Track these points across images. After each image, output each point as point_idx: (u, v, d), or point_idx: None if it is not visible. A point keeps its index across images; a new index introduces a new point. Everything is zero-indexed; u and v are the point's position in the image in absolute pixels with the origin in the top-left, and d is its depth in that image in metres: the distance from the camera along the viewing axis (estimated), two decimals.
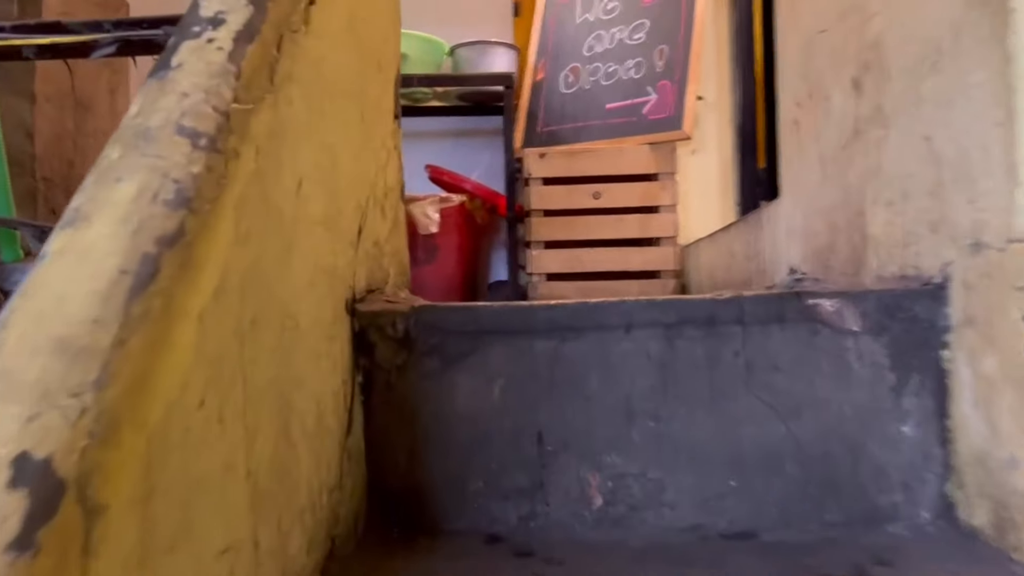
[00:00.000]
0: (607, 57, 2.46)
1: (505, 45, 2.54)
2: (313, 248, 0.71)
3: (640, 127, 2.31)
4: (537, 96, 2.54)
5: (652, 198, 2.27)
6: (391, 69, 1.10)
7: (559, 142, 2.44)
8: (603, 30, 2.50)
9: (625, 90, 2.38)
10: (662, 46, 2.36)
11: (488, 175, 2.74)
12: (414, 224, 2.33)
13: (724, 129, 2.53)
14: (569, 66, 2.53)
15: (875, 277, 0.94)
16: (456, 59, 2.56)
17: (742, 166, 2.48)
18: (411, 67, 2.40)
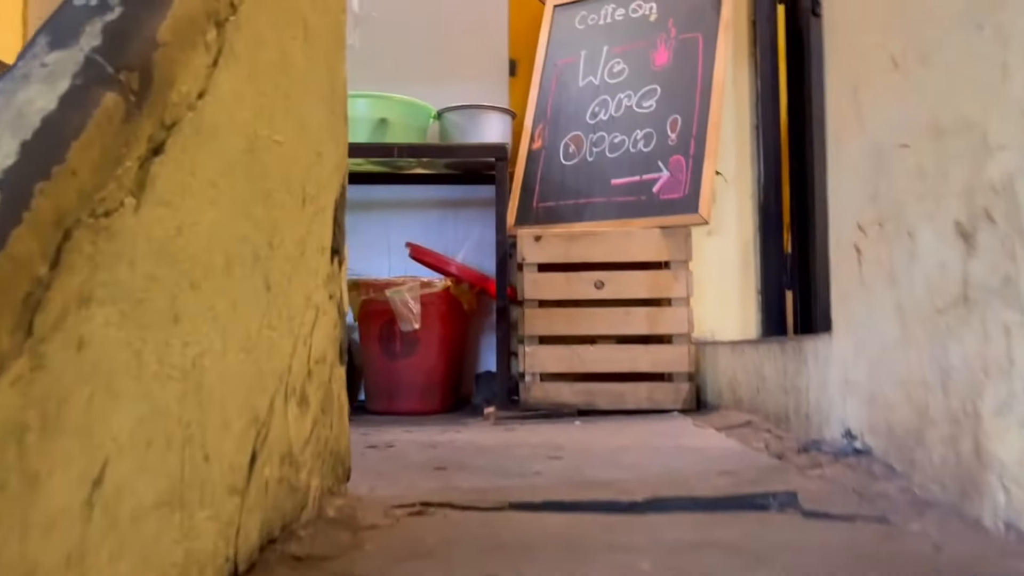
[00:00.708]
0: (613, 126, 2.20)
1: (498, 110, 2.29)
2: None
3: (650, 207, 2.05)
4: (534, 167, 2.29)
5: (663, 289, 2.00)
6: (329, 191, 0.83)
7: (557, 220, 2.17)
8: (609, 95, 2.25)
9: (633, 164, 2.12)
10: (675, 116, 2.11)
11: (479, 250, 2.47)
12: (393, 315, 2.05)
13: (744, 208, 2.27)
14: (570, 134, 2.27)
15: (1004, 523, 0.66)
16: (444, 124, 2.30)
17: (765, 250, 2.21)
18: (392, 134, 2.15)
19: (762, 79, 2.20)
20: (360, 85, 2.47)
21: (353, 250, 2.50)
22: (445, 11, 2.51)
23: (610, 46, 2.31)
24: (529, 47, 2.49)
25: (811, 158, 2.10)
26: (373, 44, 2.49)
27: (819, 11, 2.04)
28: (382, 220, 2.48)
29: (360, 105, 2.13)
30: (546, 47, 2.43)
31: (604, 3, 2.37)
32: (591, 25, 2.37)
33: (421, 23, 2.51)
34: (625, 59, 2.26)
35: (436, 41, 2.51)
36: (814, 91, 2.07)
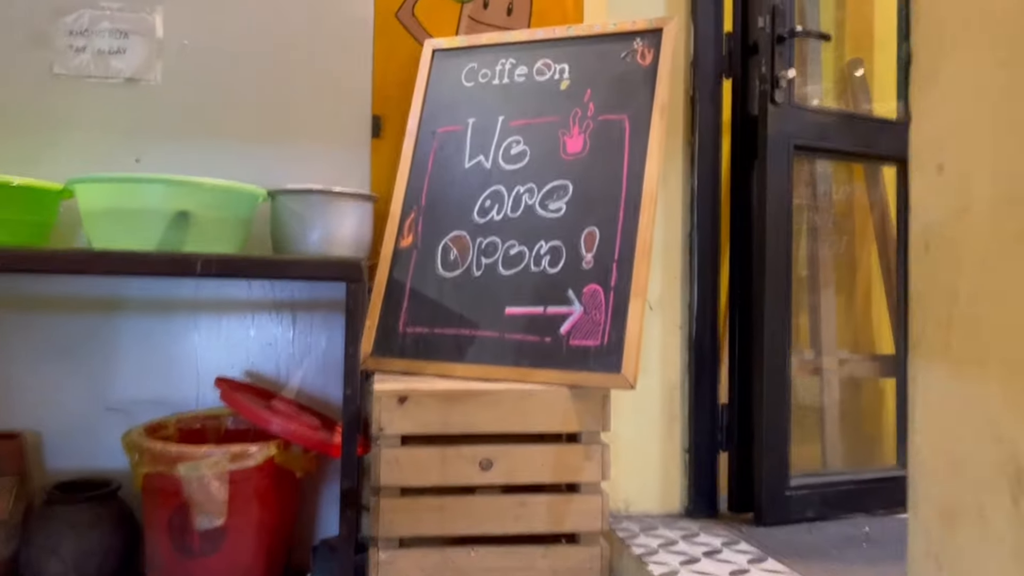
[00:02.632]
0: (510, 230, 1.68)
1: (355, 196, 1.72)
2: None
3: (556, 355, 1.54)
4: (402, 273, 1.73)
5: (570, 470, 1.50)
6: None
7: (431, 356, 1.63)
8: (505, 186, 1.72)
9: (535, 289, 1.61)
10: (591, 228, 1.61)
11: (324, 370, 1.90)
12: (185, 502, 1.45)
13: (671, 341, 1.81)
14: (452, 234, 1.73)
15: None
16: (277, 209, 1.70)
17: (696, 397, 1.76)
18: (197, 233, 1.53)
19: (700, 175, 1.74)
20: (161, 147, 1.82)
21: (150, 369, 1.88)
22: (288, 46, 1.90)
23: (507, 117, 1.78)
24: (400, 101, 1.92)
25: (758, 283, 1.67)
26: (183, 84, 1.84)
27: (777, 97, 1.59)
28: (189, 326, 1.85)
29: (149, 193, 1.49)
30: (422, 106, 1.87)
31: (500, 55, 1.84)
32: (483, 84, 1.83)
33: (254, 59, 1.89)
34: (527, 138, 1.74)
35: (274, 85, 1.89)
36: (769, 197, 1.63)
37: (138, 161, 1.84)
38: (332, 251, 1.69)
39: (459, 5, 1.96)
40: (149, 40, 1.84)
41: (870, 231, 2.03)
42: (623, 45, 1.72)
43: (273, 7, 1.89)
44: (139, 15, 1.83)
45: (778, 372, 1.67)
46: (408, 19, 1.94)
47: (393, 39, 1.94)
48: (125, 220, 1.51)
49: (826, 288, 1.93)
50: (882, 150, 1.83)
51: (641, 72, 1.69)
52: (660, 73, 1.65)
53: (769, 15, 1.66)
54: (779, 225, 1.68)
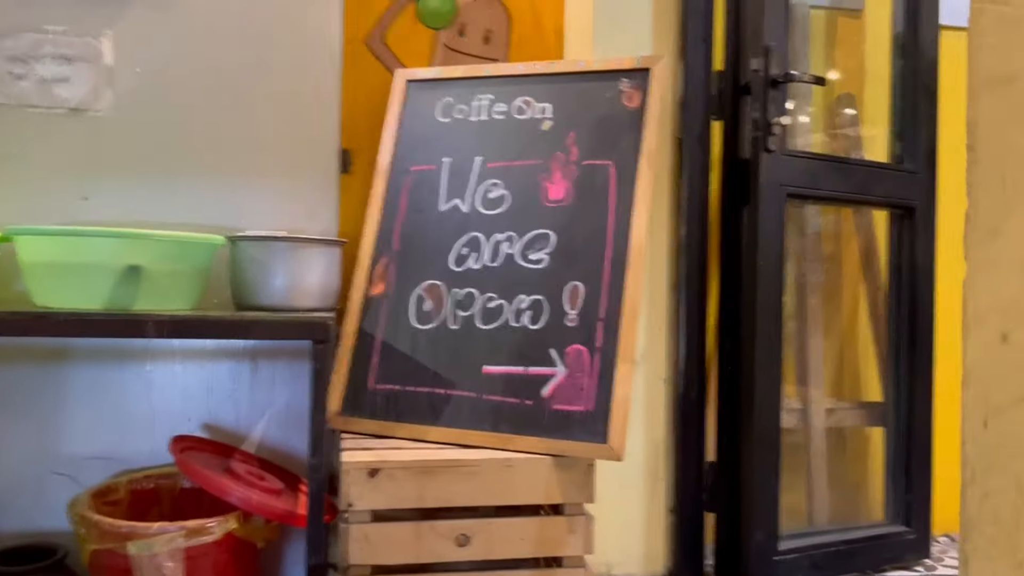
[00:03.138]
0: (488, 281, 1.59)
1: (321, 242, 1.61)
2: None
3: (538, 420, 1.46)
4: (372, 322, 1.63)
5: (552, 544, 1.43)
6: None
7: (403, 417, 1.54)
8: (483, 233, 1.63)
9: (516, 347, 1.52)
10: (575, 283, 1.53)
11: (286, 423, 1.79)
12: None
13: (655, 395, 1.74)
14: (426, 283, 1.64)
15: None
16: (237, 257, 1.59)
17: (681, 455, 1.69)
18: (149, 288, 1.41)
19: (688, 222, 1.67)
20: (111, 184, 1.70)
21: (100, 422, 1.76)
22: (250, 75, 1.78)
23: (485, 158, 1.69)
24: (371, 134, 1.82)
25: (748, 337, 1.60)
26: (135, 116, 1.72)
27: (771, 145, 1.52)
28: (142, 376, 1.73)
29: (96, 247, 1.38)
30: (395, 141, 1.76)
31: (478, 90, 1.74)
32: (459, 120, 1.74)
33: (212, 89, 1.76)
34: (507, 181, 1.65)
35: (234, 117, 1.78)
36: (760, 246, 1.56)
37: (86, 199, 1.71)
38: (297, 301, 1.59)
39: (434, 32, 1.86)
40: (97, 67, 1.71)
41: (858, 276, 1.98)
42: (608, 85, 1.64)
43: (233, 33, 1.77)
44: (85, 39, 1.70)
45: (768, 430, 1.61)
46: (379, 47, 1.84)
47: (363, 68, 1.83)
48: (69, 275, 1.39)
49: (815, 335, 1.88)
50: (875, 195, 1.78)
51: (628, 115, 1.60)
52: (648, 118, 1.57)
53: (763, 57, 1.59)
54: (770, 275, 1.62)
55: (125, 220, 1.72)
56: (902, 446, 1.85)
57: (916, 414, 1.81)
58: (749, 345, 1.61)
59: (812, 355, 1.89)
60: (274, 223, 1.79)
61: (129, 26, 1.72)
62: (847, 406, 1.96)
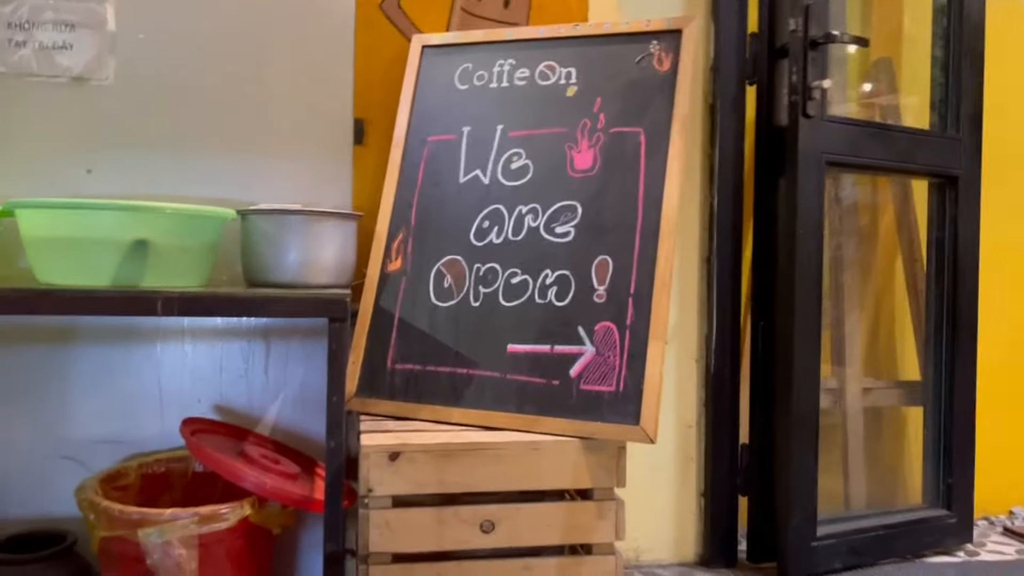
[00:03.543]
0: (511, 255, 1.52)
1: (335, 215, 1.54)
2: None
3: (565, 401, 1.40)
4: (390, 301, 1.57)
5: (582, 531, 1.37)
6: None
7: (423, 398, 1.48)
8: (505, 205, 1.56)
9: (541, 325, 1.46)
10: (603, 256, 1.46)
11: (301, 404, 1.74)
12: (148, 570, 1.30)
13: (686, 375, 1.67)
14: (446, 258, 1.57)
15: None
16: (248, 231, 1.53)
17: (713, 438, 1.63)
18: (157, 264, 1.35)
19: (720, 192, 1.60)
20: (116, 156, 1.64)
21: (109, 405, 1.70)
22: (259, 41, 1.71)
23: (507, 126, 1.62)
24: (385, 104, 1.75)
25: (785, 313, 1.53)
26: (140, 84, 1.65)
27: (810, 110, 1.44)
28: (151, 357, 1.68)
29: (101, 221, 1.31)
30: (411, 110, 1.69)
31: (498, 55, 1.66)
32: (479, 87, 1.66)
33: (220, 56, 1.69)
34: (529, 151, 1.58)
35: (243, 85, 1.71)
36: (799, 218, 1.48)
37: (89, 172, 1.65)
38: (311, 277, 1.52)
39: None
40: (100, 34, 1.64)
41: (895, 249, 1.90)
42: (637, 48, 1.56)
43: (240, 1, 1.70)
44: (87, 5, 1.63)
45: (805, 412, 1.55)
46: (394, 11, 1.76)
47: (377, 34, 1.76)
48: (74, 250, 1.33)
49: (850, 312, 1.81)
50: (917, 163, 1.70)
51: (658, 79, 1.52)
52: (680, 81, 1.50)
53: (802, 17, 1.50)
54: (808, 248, 1.54)
55: (130, 194, 1.66)
56: (942, 427, 1.78)
57: (958, 393, 1.74)
58: (786, 322, 1.54)
59: (848, 333, 1.81)
60: (286, 197, 1.73)
61: None
62: (884, 385, 1.89)
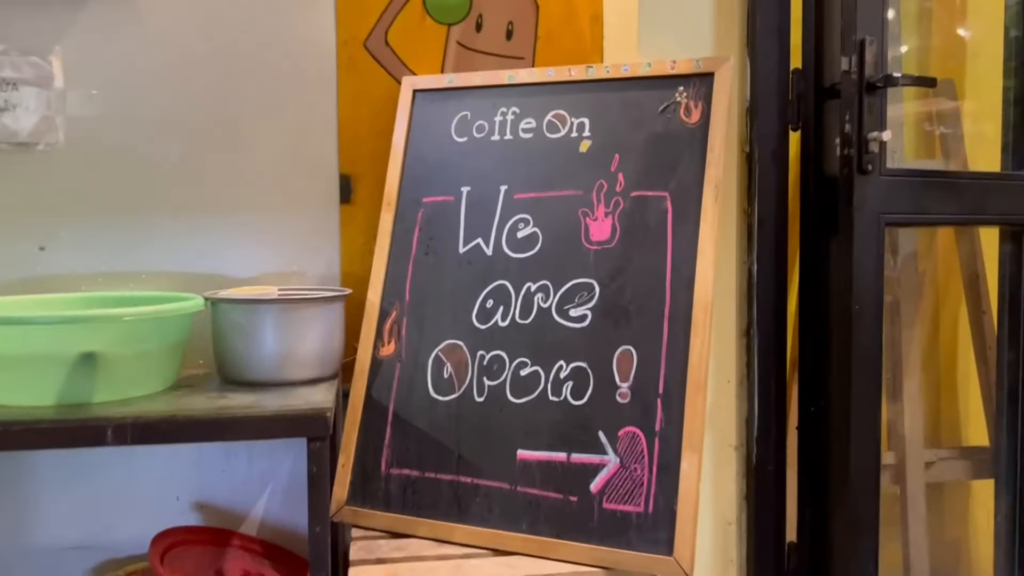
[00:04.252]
0: (519, 342, 1.34)
1: (318, 301, 1.36)
2: None
3: (585, 522, 1.22)
4: (382, 390, 1.39)
5: None
6: None
7: (423, 511, 1.31)
8: (511, 282, 1.37)
9: (556, 427, 1.28)
10: (626, 347, 1.27)
11: (288, 499, 1.57)
12: None
13: (724, 463, 1.49)
14: (445, 343, 1.39)
15: None
16: (218, 321, 1.35)
17: (756, 535, 1.44)
18: (107, 377, 1.18)
19: (760, 255, 1.40)
20: (72, 228, 1.47)
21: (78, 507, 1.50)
22: (228, 90, 1.52)
23: (511, 186, 1.42)
24: (375, 155, 1.56)
25: (840, 396, 1.33)
26: (94, 146, 1.48)
27: (867, 164, 1.23)
28: (120, 453, 1.52)
29: (39, 337, 1.14)
30: (402, 165, 1.50)
31: (500, 101, 1.47)
32: (479, 139, 1.46)
33: (185, 107, 1.51)
34: (538, 216, 1.39)
35: (212, 140, 1.52)
36: (855, 288, 1.28)
37: (43, 249, 1.48)
38: (291, 372, 1.35)
39: (444, 28, 1.58)
40: (46, 92, 1.46)
41: (960, 301, 1.69)
42: (661, 94, 1.35)
43: (206, 39, 1.50)
44: (29, 59, 1.45)
45: (864, 510, 1.36)
46: (380, 49, 1.56)
47: (362, 76, 1.56)
48: (11, 369, 1.16)
49: (910, 378, 1.60)
50: (988, 213, 1.48)
51: (686, 132, 1.32)
52: (712, 136, 1.29)
53: (855, 55, 1.28)
54: (866, 323, 1.34)
55: (88, 272, 1.49)
56: (1018, 501, 1.58)
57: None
58: (841, 412, 1.34)
59: (908, 400, 1.61)
60: (266, 265, 1.55)
61: (82, 39, 1.46)
62: (948, 455, 1.69)
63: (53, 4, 1.45)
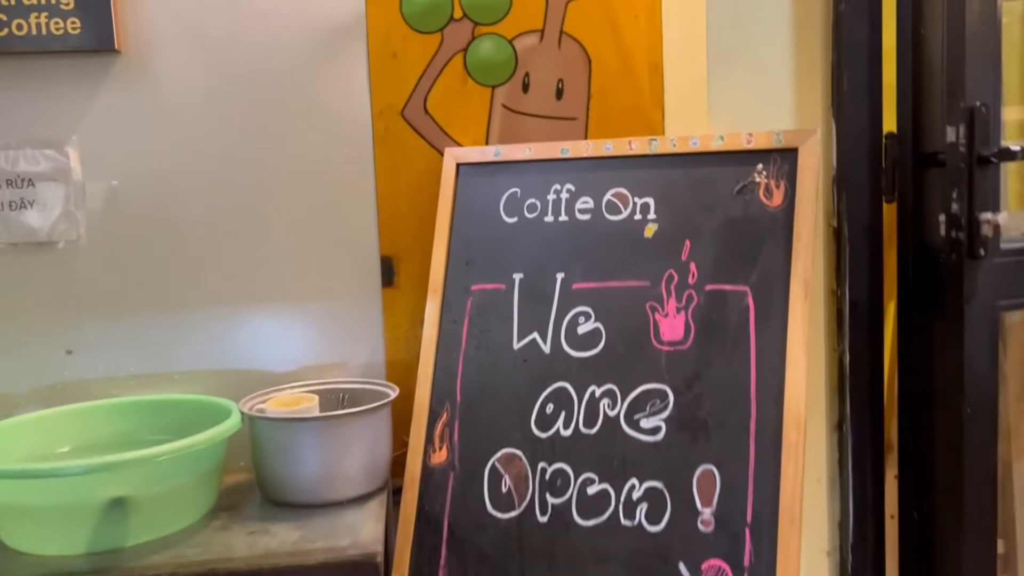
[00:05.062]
0: (584, 455, 1.22)
1: (359, 415, 1.26)
2: None
3: None
4: (435, 502, 1.29)
5: None
6: None
7: None
8: (572, 383, 1.26)
9: (630, 556, 1.16)
10: (707, 467, 1.14)
11: None
12: None
13: (815, 571, 1.35)
14: (501, 451, 1.28)
15: None
16: (256, 439, 1.26)
17: None
18: (142, 515, 1.10)
19: (853, 343, 1.25)
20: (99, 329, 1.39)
21: None
22: (257, 173, 1.42)
23: (568, 274, 1.30)
24: (418, 232, 1.46)
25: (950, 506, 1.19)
26: (118, 240, 1.39)
27: (979, 249, 1.08)
28: None
29: (65, 487, 1.07)
30: (447, 248, 1.39)
31: (553, 177, 1.34)
32: (531, 220, 1.34)
33: (213, 197, 1.41)
34: (599, 310, 1.26)
35: (242, 229, 1.43)
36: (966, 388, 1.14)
37: (70, 353, 1.41)
38: (335, 492, 1.26)
39: (488, 90, 1.45)
40: (65, 186, 1.37)
41: None
42: (736, 172, 1.21)
43: (231, 116, 1.40)
44: (46, 152, 1.36)
45: None
46: (419, 117, 1.44)
47: (401, 147, 1.44)
48: (39, 519, 1.09)
49: (1019, 459, 1.45)
50: None
51: (767, 218, 1.18)
52: (799, 223, 1.15)
53: (964, 124, 1.12)
54: (980, 427, 1.20)
55: (118, 375, 1.41)
56: None
57: None
58: (949, 519, 1.20)
59: (1020, 483, 1.46)
60: (305, 356, 1.46)
61: (99, 126, 1.37)
62: None
63: (67, 92, 1.36)
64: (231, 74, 1.39)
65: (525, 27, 1.44)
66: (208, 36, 1.38)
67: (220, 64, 1.39)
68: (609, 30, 1.45)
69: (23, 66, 1.34)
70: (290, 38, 1.40)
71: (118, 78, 1.37)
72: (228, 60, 1.39)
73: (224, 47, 1.39)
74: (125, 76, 1.37)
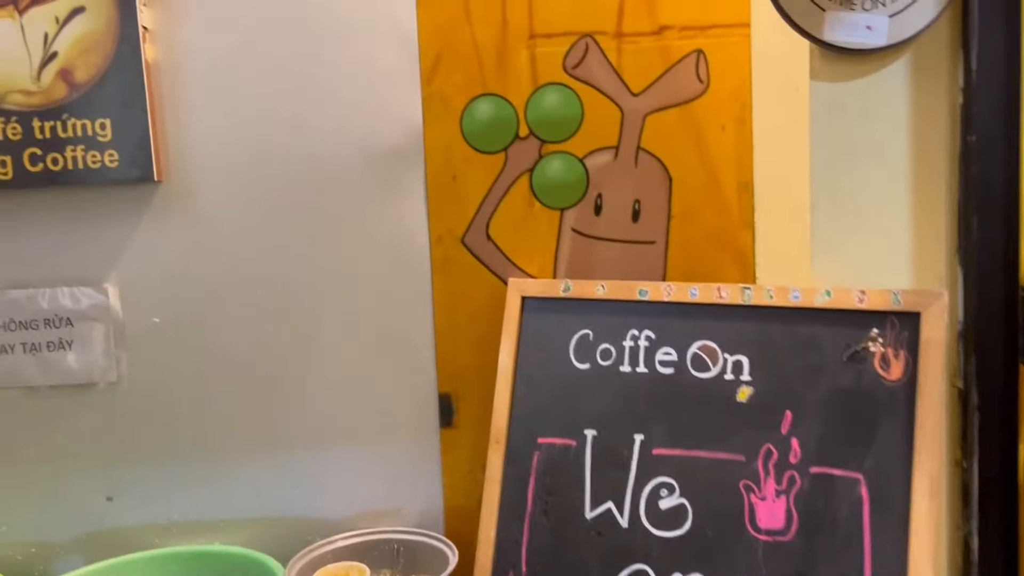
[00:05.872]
0: None
1: None
2: None
3: None
4: None
5: None
6: None
7: None
8: (653, 568, 1.12)
9: None
10: None
11: None
12: None
13: None
14: None
15: None
16: None
17: None
18: None
19: (981, 523, 1.08)
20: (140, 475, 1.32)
21: None
22: (305, 307, 1.32)
23: (648, 436, 1.16)
24: (480, 368, 1.33)
25: None
26: (161, 383, 1.31)
27: None
28: None
29: None
30: (511, 392, 1.26)
31: (630, 321, 1.20)
32: (605, 368, 1.21)
33: (260, 331, 1.32)
34: (684, 482, 1.12)
35: (290, 366, 1.33)
36: None
37: (110, 500, 1.33)
38: None
39: (556, 213, 1.32)
40: (104, 324, 1.30)
41: None
42: (846, 334, 1.06)
43: (276, 244, 1.31)
44: (84, 290, 1.29)
45: None
46: (480, 243, 1.32)
47: (461, 275, 1.33)
48: None
49: None
50: None
51: (884, 393, 1.02)
52: (922, 406, 0.99)
53: None
54: None
55: (160, 522, 1.34)
56: None
57: None
58: None
59: None
60: (358, 504, 1.35)
61: (139, 261, 1.30)
62: None
63: (106, 225, 1.28)
64: (277, 201, 1.30)
65: (598, 144, 1.31)
66: (253, 160, 1.29)
67: (266, 191, 1.29)
68: (692, 144, 1.30)
69: (60, 201, 1.27)
70: (341, 161, 1.29)
71: (159, 209, 1.29)
72: (274, 186, 1.29)
73: (271, 172, 1.29)
74: (166, 207, 1.29)
